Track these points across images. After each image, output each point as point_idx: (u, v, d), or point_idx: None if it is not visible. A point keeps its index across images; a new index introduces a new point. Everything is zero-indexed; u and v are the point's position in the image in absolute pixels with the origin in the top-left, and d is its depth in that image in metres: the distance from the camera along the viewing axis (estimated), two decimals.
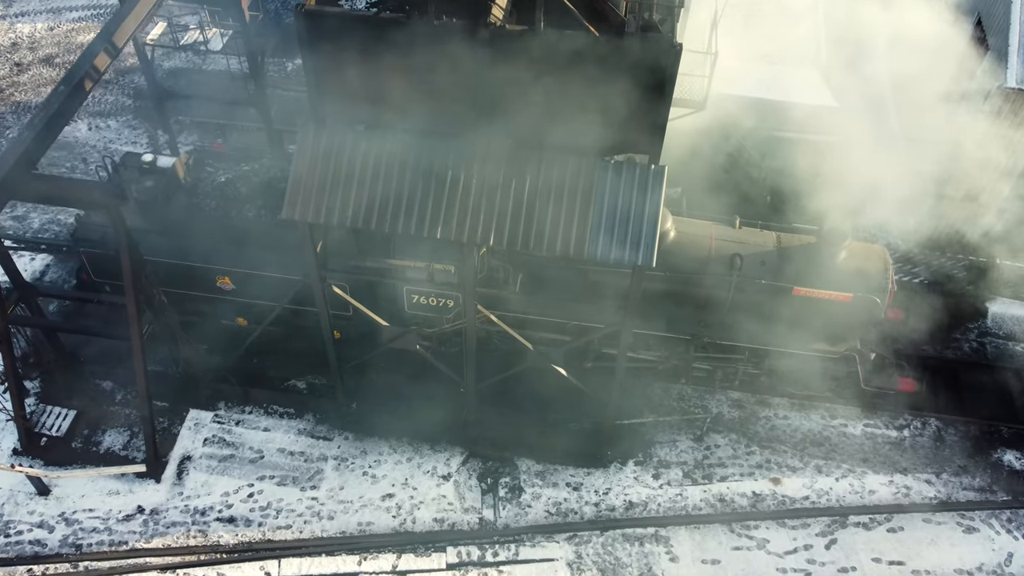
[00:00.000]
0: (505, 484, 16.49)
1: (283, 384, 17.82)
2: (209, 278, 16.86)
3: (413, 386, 17.46)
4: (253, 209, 16.38)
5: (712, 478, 16.62)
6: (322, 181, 13.06)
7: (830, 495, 16.43)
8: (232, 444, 16.82)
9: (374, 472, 16.51)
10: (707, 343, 16.17)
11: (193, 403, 17.34)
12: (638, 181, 12.82)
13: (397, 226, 12.96)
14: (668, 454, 16.95)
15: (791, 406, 17.70)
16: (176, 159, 16.81)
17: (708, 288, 15.76)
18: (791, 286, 15.47)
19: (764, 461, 16.88)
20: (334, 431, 17.07)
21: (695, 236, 15.91)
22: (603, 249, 12.73)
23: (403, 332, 15.34)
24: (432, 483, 16.40)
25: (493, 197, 12.88)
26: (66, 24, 25.38)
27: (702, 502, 16.30)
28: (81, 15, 25.72)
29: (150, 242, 16.17)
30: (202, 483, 16.28)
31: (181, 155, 17.05)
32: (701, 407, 17.54)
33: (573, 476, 16.62)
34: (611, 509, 16.17)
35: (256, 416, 17.29)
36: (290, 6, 25.41)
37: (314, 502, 16.09)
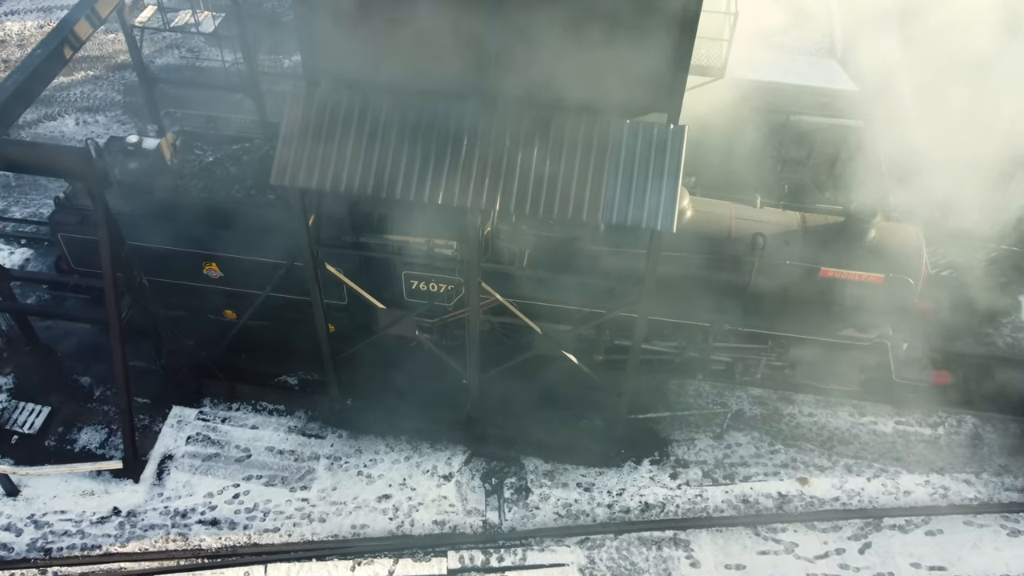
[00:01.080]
0: (511, 485, 15.28)
1: (273, 380, 16.70)
2: (195, 264, 15.80)
3: (412, 381, 16.35)
4: (243, 189, 15.42)
5: (734, 478, 15.41)
6: (314, 145, 12.08)
7: (862, 496, 15.21)
8: (217, 442, 15.64)
9: (369, 472, 15.31)
10: (727, 330, 15.06)
11: (176, 399, 16.20)
12: (656, 141, 11.84)
13: (395, 191, 11.97)
14: (686, 453, 15.76)
15: (816, 403, 16.55)
16: (162, 139, 15.90)
17: (728, 270, 14.70)
18: (817, 266, 14.42)
19: (790, 460, 15.69)
20: (327, 428, 15.90)
21: (714, 215, 14.90)
22: (619, 213, 11.71)
23: (401, 316, 14.25)
24: (432, 483, 15.19)
25: (500, 159, 11.90)
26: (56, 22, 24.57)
27: (724, 503, 15.07)
28: None
29: (133, 226, 15.15)
30: (184, 483, 15.07)
31: (168, 135, 16.13)
32: (720, 404, 16.40)
33: (584, 476, 15.42)
34: (626, 511, 14.94)
35: (244, 413, 16.13)
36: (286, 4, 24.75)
37: (304, 503, 14.87)
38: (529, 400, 16.10)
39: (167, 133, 16.16)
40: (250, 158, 15.81)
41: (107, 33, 24.25)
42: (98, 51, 23.86)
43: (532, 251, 14.82)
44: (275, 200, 15.24)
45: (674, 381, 16.72)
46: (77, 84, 22.88)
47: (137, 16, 18.39)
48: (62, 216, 15.72)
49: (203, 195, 15.37)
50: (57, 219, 15.75)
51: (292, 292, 15.69)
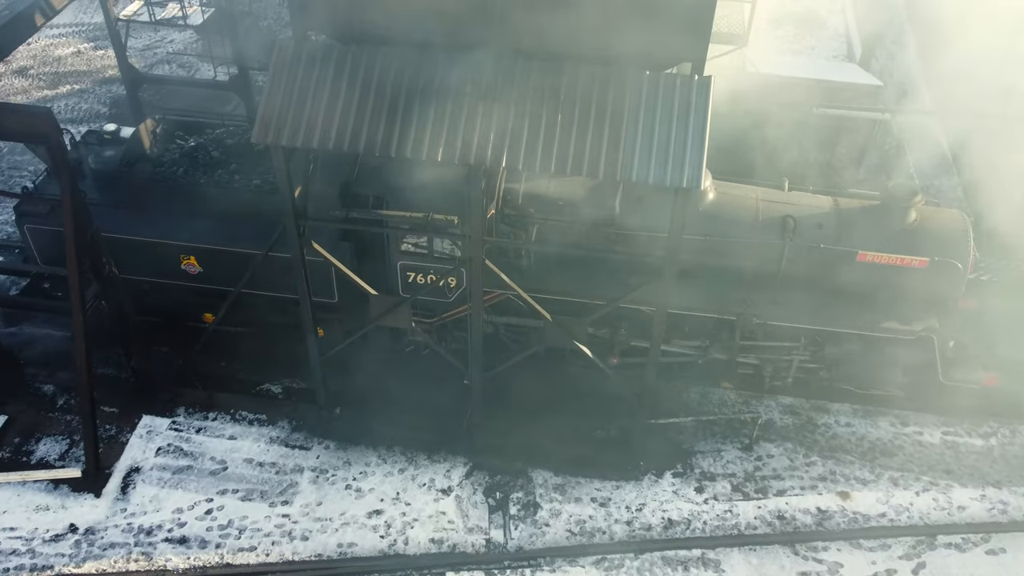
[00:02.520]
0: (517, 500, 13.63)
1: (255, 388, 15.19)
2: (172, 258, 14.48)
3: (407, 389, 14.85)
4: (226, 174, 14.21)
5: (767, 492, 13.78)
6: (301, 101, 10.90)
7: (911, 511, 13.56)
8: (190, 454, 14.05)
9: (359, 485, 13.69)
10: (755, 325, 13.63)
11: (147, 408, 14.66)
12: (679, 93, 10.67)
13: (390, 148, 10.74)
14: (712, 465, 14.16)
15: (854, 412, 15.00)
16: (141, 124, 14.78)
17: (755, 257, 13.39)
18: (854, 250, 13.11)
19: (828, 473, 14.07)
20: (313, 439, 14.33)
21: (738, 197, 13.66)
22: (639, 170, 10.46)
23: (395, 302, 12.84)
24: (429, 497, 13.55)
25: (506, 114, 10.71)
26: (44, 40, 23.90)
27: (757, 520, 13.41)
28: (61, 31, 24.31)
29: (104, 216, 13.89)
30: (150, 498, 13.44)
31: (147, 121, 15.01)
32: (748, 414, 14.86)
33: (599, 490, 13.79)
34: (647, 528, 13.28)
35: (221, 423, 14.57)
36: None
37: (285, 520, 13.21)
38: (537, 408, 14.59)
39: (147, 119, 14.99)
40: (234, 141, 14.65)
41: (96, 49, 23.48)
42: (86, 66, 23.03)
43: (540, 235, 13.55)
44: (261, 185, 14.02)
45: (696, 389, 15.22)
46: (62, 97, 21.94)
47: (121, 10, 17.52)
48: (29, 206, 14.47)
49: (182, 181, 14.15)
50: (23, 209, 14.49)
51: (275, 288, 14.35)
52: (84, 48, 23.41)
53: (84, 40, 23.82)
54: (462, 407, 14.19)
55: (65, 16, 24.99)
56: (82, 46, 23.55)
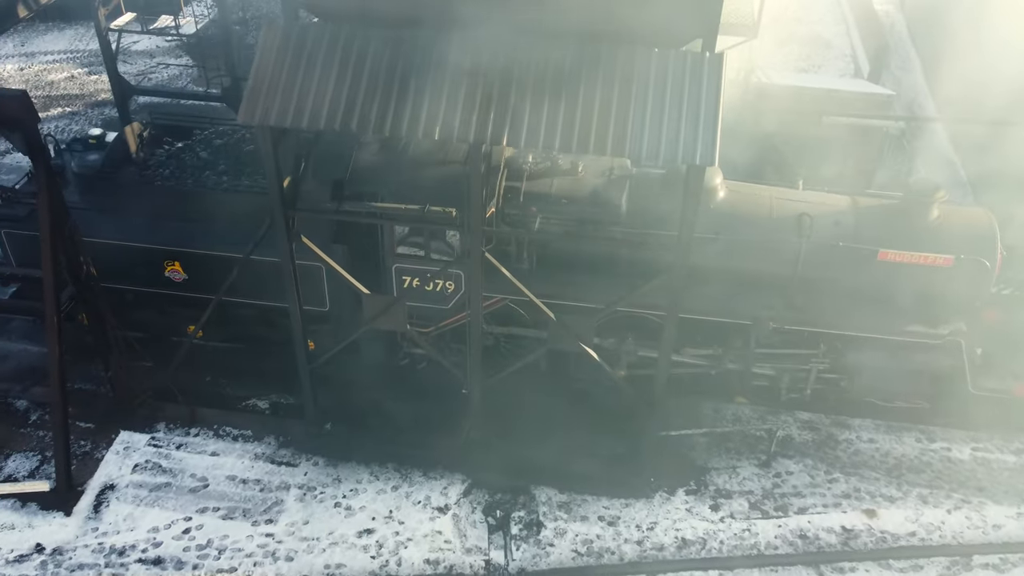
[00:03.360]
0: (519, 519, 12.68)
1: (241, 404, 14.33)
2: (156, 264, 13.79)
3: (402, 404, 14.02)
4: (214, 175, 13.59)
5: (787, 510, 12.83)
6: (291, 80, 10.32)
7: (943, 530, 12.59)
8: (169, 471, 13.13)
9: (349, 503, 12.74)
10: (772, 330, 12.85)
11: (125, 424, 13.78)
12: (690, 70, 10.10)
13: (384, 126, 10.13)
14: (728, 482, 13.23)
15: (876, 428, 14.11)
16: (127, 127, 14.23)
17: (770, 257, 12.69)
18: (875, 248, 12.42)
19: (852, 490, 13.14)
20: (300, 455, 13.41)
21: (750, 195, 13.03)
22: (648, 147, 9.83)
23: (390, 301, 12.07)
24: (424, 516, 12.60)
25: (507, 92, 10.13)
26: (38, 65, 23.61)
27: (777, 539, 12.44)
28: (56, 58, 24.03)
29: (85, 220, 13.23)
30: (125, 516, 12.48)
31: (133, 124, 14.47)
32: (764, 430, 13.98)
33: (607, 508, 12.84)
34: (659, 548, 12.30)
35: (203, 439, 13.68)
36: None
37: (269, 539, 12.24)
38: (540, 424, 13.73)
39: (133, 122, 14.44)
40: (223, 142, 14.07)
41: (90, 75, 23.14)
42: (79, 90, 22.64)
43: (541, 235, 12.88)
44: (250, 186, 13.38)
45: (708, 404, 14.35)
46: (53, 119, 21.49)
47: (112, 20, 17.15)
48: (6, 209, 13.83)
49: (167, 183, 13.53)
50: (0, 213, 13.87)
51: (262, 295, 13.63)
52: (78, 73, 23.10)
53: (78, 66, 23.53)
54: (460, 422, 13.33)
55: (60, 43, 24.84)
56: (76, 71, 23.25)
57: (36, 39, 24.96)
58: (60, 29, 25.37)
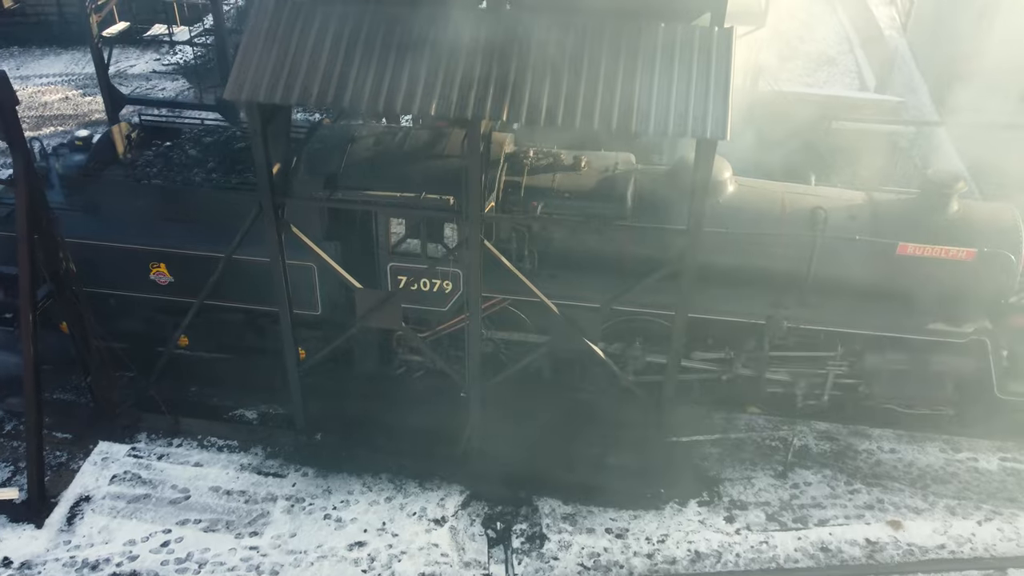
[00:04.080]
0: (521, 532, 11.87)
1: (228, 414, 13.61)
2: (141, 267, 13.18)
3: (397, 414, 13.33)
4: (203, 173, 13.07)
5: (807, 521, 12.03)
6: (281, 54, 9.89)
7: (974, 542, 11.78)
8: (149, 482, 12.36)
9: (340, 515, 11.95)
10: (787, 330, 12.20)
11: (105, 435, 13.05)
12: (699, 44, 9.66)
13: (378, 103, 9.66)
14: (742, 493, 12.45)
15: (898, 438, 13.37)
16: (114, 127, 13.78)
17: (783, 254, 12.11)
18: (894, 242, 11.84)
19: (875, 501, 12.35)
20: (289, 466, 12.66)
21: (761, 190, 12.51)
22: (657, 121, 9.34)
23: (383, 297, 11.45)
24: (419, 528, 11.80)
25: (507, 68, 9.68)
26: (32, 87, 23.33)
27: (798, 552, 11.62)
28: (51, 80, 23.77)
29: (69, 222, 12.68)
30: (99, 529, 11.69)
31: (120, 124, 14.01)
32: (779, 440, 13.26)
33: (615, 520, 12.04)
34: (671, 561, 11.48)
35: (187, 449, 12.93)
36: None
37: (253, 552, 11.43)
38: (542, 434, 13.02)
39: (120, 122, 13.99)
40: (213, 139, 13.59)
41: (84, 96, 22.85)
42: (72, 110, 22.31)
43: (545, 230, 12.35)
44: (240, 184, 12.86)
45: (720, 414, 13.62)
46: (44, 137, 21.03)
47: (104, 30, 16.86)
48: None
49: (154, 181, 13.01)
50: None
51: (251, 299, 13.02)
52: (72, 94, 22.81)
53: (73, 88, 23.26)
54: (459, 433, 12.62)
55: (56, 67, 24.63)
56: (70, 92, 22.97)
57: (32, 63, 24.76)
58: (56, 54, 25.20)
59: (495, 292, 12.47)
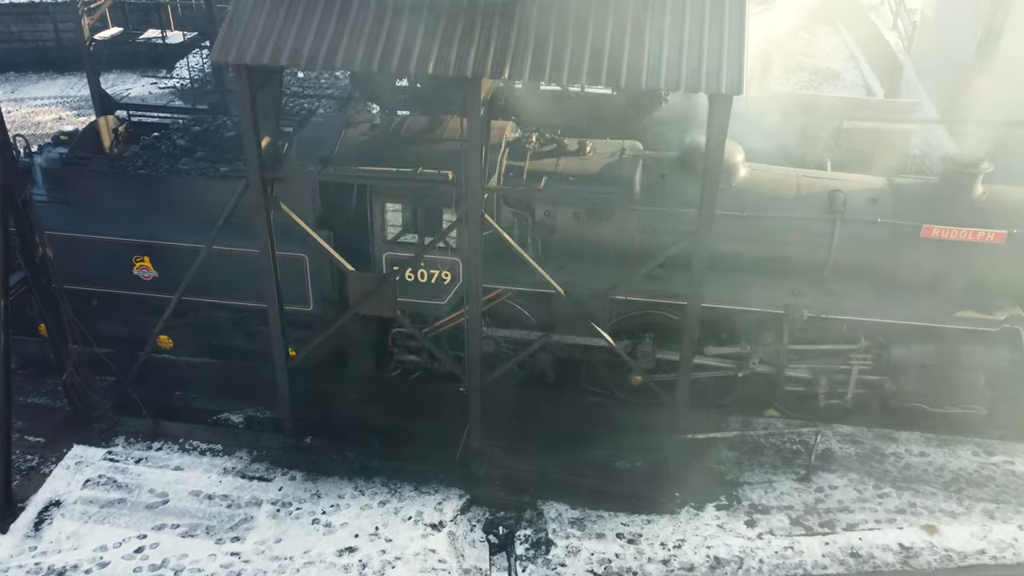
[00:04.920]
0: (525, 538, 10.97)
1: (212, 418, 12.80)
2: (123, 262, 12.54)
3: (393, 418, 12.56)
4: (191, 163, 12.51)
5: (835, 526, 11.13)
6: (272, 15, 9.42)
7: (1016, 547, 10.86)
8: (124, 486, 11.50)
9: (329, 520, 11.06)
10: (807, 320, 11.47)
11: (80, 438, 12.23)
12: None
13: (372, 62, 9.13)
14: (763, 497, 11.57)
15: (927, 441, 12.52)
16: (99, 119, 13.29)
17: (800, 240, 11.47)
18: (918, 224, 11.21)
19: (907, 505, 11.46)
20: (276, 469, 11.80)
21: (775, 174, 11.94)
22: (668, 75, 8.80)
23: (377, 280, 10.75)
24: (415, 533, 10.90)
25: (509, 25, 9.18)
26: (26, 108, 23.01)
27: (826, 558, 10.70)
28: (45, 102, 23.46)
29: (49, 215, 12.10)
30: (69, 534, 10.78)
31: (108, 117, 13.51)
32: (801, 442, 12.43)
33: (627, 525, 11.14)
34: (688, 568, 10.56)
35: (167, 453, 12.09)
36: None
37: (234, 559, 10.52)
38: (547, 438, 12.23)
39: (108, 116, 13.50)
40: (202, 129, 13.07)
41: (79, 116, 22.48)
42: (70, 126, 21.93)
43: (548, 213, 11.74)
44: (229, 172, 12.27)
45: (736, 418, 12.80)
46: None
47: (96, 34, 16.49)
48: None
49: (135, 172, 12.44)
50: None
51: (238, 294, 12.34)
52: (67, 115, 22.47)
53: (67, 109, 22.93)
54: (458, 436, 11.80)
55: (51, 90, 24.36)
56: (64, 113, 22.62)
57: (27, 87, 24.50)
58: (52, 79, 24.96)
59: (497, 284, 11.80)
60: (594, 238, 11.82)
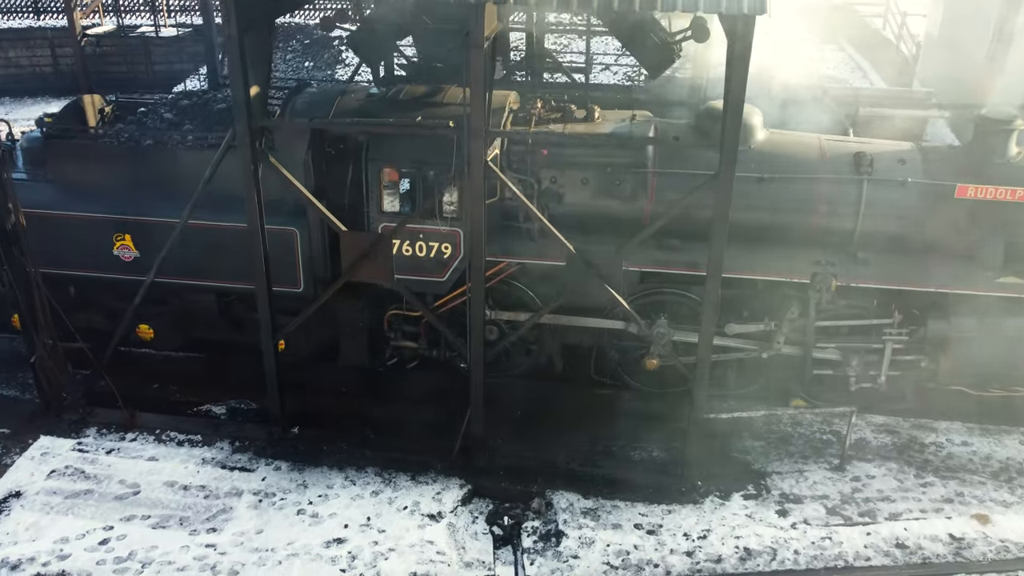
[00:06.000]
0: (533, 530, 9.90)
1: (193, 409, 11.83)
2: (103, 240, 11.74)
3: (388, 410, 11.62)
4: (178, 136, 11.81)
5: (876, 515, 10.05)
6: None
7: None
8: (93, 477, 10.47)
9: (316, 510, 10.00)
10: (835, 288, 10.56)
11: (48, 429, 11.25)
12: None
13: None
14: (795, 486, 10.51)
15: (969, 431, 11.51)
16: (85, 96, 12.68)
17: (825, 206, 10.68)
18: (952, 183, 10.42)
19: (953, 494, 10.40)
20: (259, 460, 10.77)
21: (795, 138, 11.22)
22: None
23: (374, 240, 9.90)
24: (411, 523, 9.83)
25: None
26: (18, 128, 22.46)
27: (869, 548, 9.60)
28: None
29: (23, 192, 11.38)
30: (27, 526, 9.72)
31: (94, 96, 12.89)
32: (832, 432, 11.43)
33: (645, 515, 10.07)
34: (715, 559, 9.45)
35: (141, 444, 11.08)
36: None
37: (209, 550, 9.44)
38: (556, 429, 11.27)
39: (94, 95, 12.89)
40: (191, 102, 12.42)
41: None
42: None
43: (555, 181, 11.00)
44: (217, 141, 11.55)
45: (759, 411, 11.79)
46: None
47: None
48: None
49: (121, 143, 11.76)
50: None
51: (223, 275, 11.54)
52: None
53: None
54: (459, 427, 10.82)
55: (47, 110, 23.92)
56: None
57: (22, 109, 24.01)
58: (47, 102, 24.54)
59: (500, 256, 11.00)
60: (604, 209, 11.04)
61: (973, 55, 19.50)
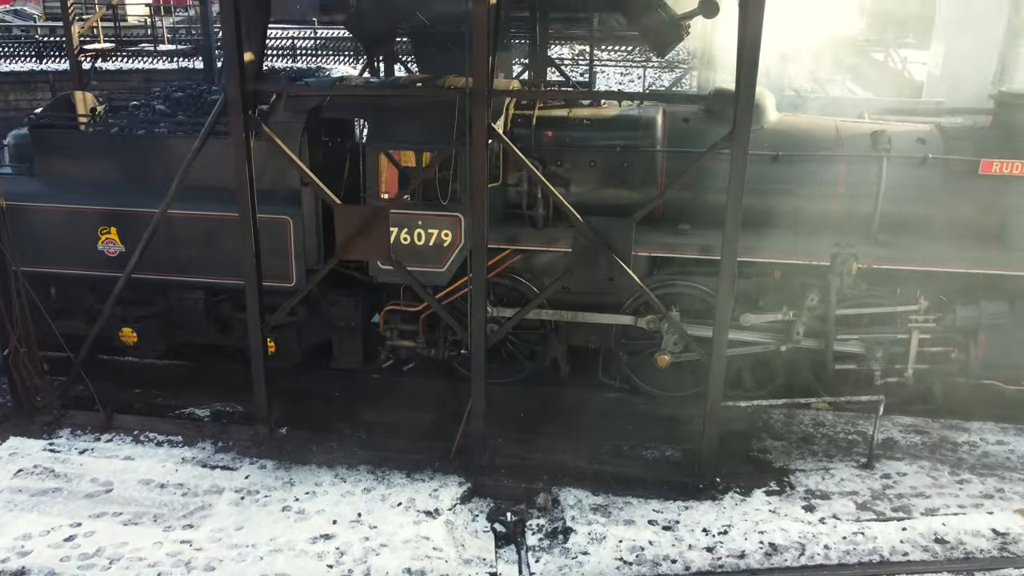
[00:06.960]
0: (539, 527, 9.08)
1: (174, 412, 11.11)
2: (87, 235, 11.22)
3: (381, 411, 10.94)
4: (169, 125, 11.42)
5: (910, 511, 9.23)
6: None
7: None
8: (63, 475, 9.70)
9: (303, 507, 9.20)
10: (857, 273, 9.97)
11: (19, 430, 10.51)
12: None
13: None
14: (821, 483, 9.71)
15: (1003, 431, 10.76)
16: (76, 92, 12.35)
17: (843, 189, 10.18)
18: (975, 159, 9.94)
19: (992, 490, 9.60)
20: (243, 459, 10.00)
21: (809, 119, 10.81)
22: None
23: (370, 215, 9.33)
24: (406, 519, 9.02)
25: None
26: None
27: (906, 544, 8.76)
28: None
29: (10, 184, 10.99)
30: None
31: (86, 93, 12.57)
32: (858, 432, 10.68)
33: (660, 512, 9.25)
34: (738, 555, 8.62)
35: (117, 444, 10.33)
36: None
37: (184, 546, 8.61)
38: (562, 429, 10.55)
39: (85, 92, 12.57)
40: (184, 94, 12.06)
41: None
42: None
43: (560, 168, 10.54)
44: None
45: (778, 414, 11.09)
46: None
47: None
48: None
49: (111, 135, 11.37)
50: None
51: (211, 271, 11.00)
52: None
53: None
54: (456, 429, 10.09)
55: None
56: None
57: None
58: None
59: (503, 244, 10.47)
60: (611, 199, 10.54)
61: (978, 93, 19.45)
